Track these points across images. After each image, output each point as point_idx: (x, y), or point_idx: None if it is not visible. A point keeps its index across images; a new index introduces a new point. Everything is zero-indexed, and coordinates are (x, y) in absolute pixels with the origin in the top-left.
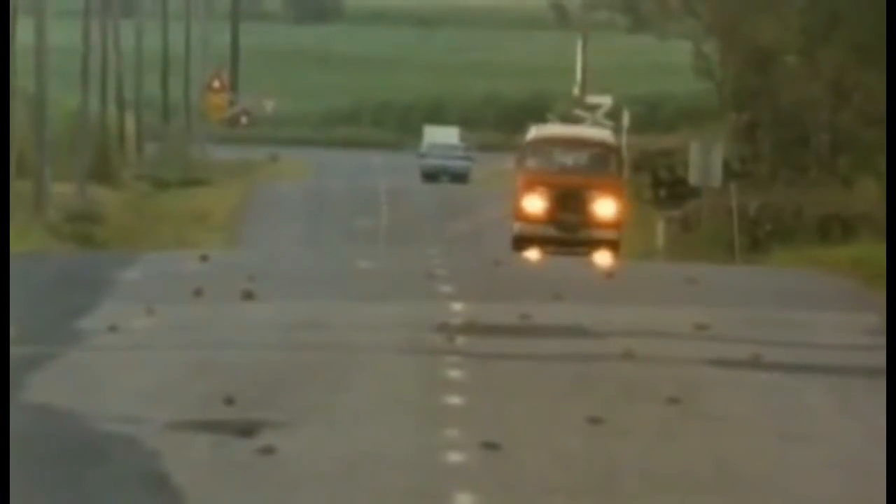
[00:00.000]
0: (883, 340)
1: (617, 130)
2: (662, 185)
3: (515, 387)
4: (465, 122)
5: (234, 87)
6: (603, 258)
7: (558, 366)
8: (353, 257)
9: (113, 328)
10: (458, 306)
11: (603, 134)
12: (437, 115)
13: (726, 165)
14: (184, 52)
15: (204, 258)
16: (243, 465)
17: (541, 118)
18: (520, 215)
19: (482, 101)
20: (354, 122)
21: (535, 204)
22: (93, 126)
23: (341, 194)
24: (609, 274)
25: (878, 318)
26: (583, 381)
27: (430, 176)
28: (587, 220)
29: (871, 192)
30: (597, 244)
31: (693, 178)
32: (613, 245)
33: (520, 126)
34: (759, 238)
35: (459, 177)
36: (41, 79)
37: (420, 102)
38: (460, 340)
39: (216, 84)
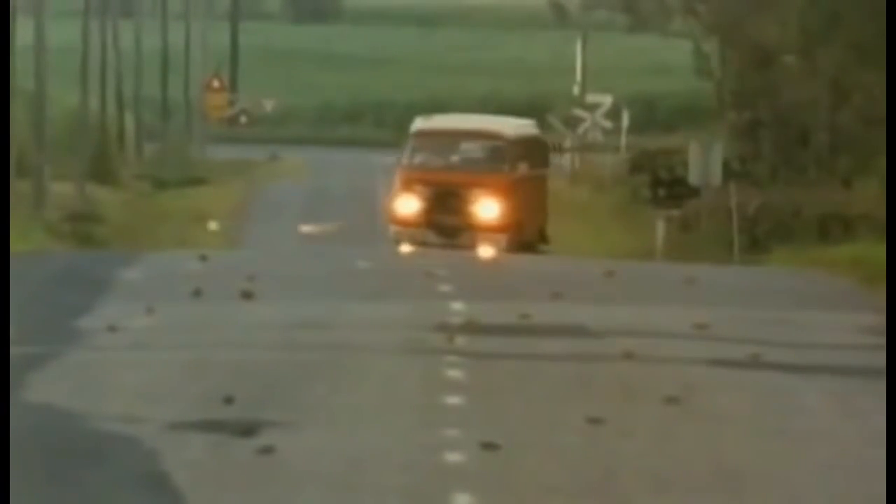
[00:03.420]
0: (882, 340)
1: (617, 130)
2: (662, 185)
3: (515, 387)
4: None
5: (233, 86)
6: (486, 251)
7: (558, 365)
8: (352, 257)
9: (112, 328)
10: (457, 306)
11: (499, 125)
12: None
13: (726, 165)
14: (183, 51)
15: (203, 258)
16: (243, 464)
17: (541, 117)
18: (393, 217)
19: (482, 101)
20: (354, 121)
21: (409, 205)
22: (92, 125)
23: (341, 194)
24: (609, 273)
25: (877, 318)
26: (582, 380)
27: None
28: (467, 223)
29: (870, 192)
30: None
31: (692, 177)
32: (498, 244)
33: None
34: (759, 238)
35: None
36: (41, 78)
37: (420, 102)
38: (460, 340)
39: (216, 84)
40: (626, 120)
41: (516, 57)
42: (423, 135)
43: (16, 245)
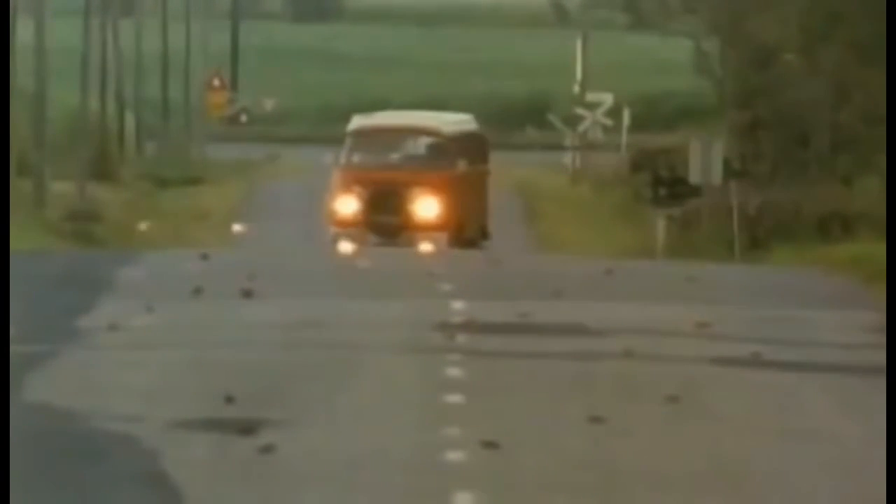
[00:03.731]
0: (883, 338)
1: (617, 129)
2: (662, 184)
3: (515, 385)
4: None
5: (233, 85)
6: (427, 247)
7: (558, 364)
8: (352, 256)
9: (113, 327)
10: (457, 304)
11: (437, 121)
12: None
13: (726, 164)
14: (183, 50)
15: (204, 257)
16: (243, 463)
17: (541, 116)
18: (332, 219)
19: (482, 100)
20: None
21: (348, 205)
22: (92, 125)
23: None
24: (609, 271)
25: (877, 316)
26: (583, 379)
27: None
28: (407, 223)
29: (871, 191)
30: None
31: (693, 176)
32: (439, 242)
33: (521, 124)
34: (759, 236)
35: None
36: (41, 78)
37: (420, 101)
38: (460, 339)
39: (216, 83)
40: (626, 119)
41: (516, 57)
42: (361, 133)
43: (16, 244)
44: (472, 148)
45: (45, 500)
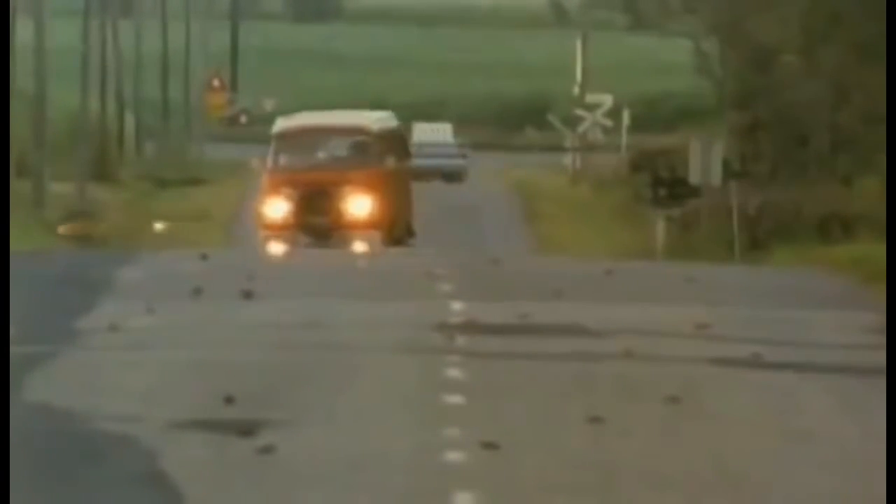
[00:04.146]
0: (883, 339)
1: (617, 129)
2: (662, 185)
3: (515, 386)
4: (466, 120)
5: (233, 86)
6: (361, 246)
7: (558, 365)
8: (352, 256)
9: (112, 327)
10: (457, 305)
11: (363, 119)
12: (438, 114)
13: (726, 164)
14: (183, 51)
15: (203, 257)
16: (243, 464)
17: (541, 117)
18: (262, 222)
19: (482, 100)
20: None
21: (277, 208)
22: (92, 126)
23: None
24: (609, 272)
25: (877, 317)
26: (583, 380)
27: (422, 178)
28: (339, 223)
29: (871, 191)
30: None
31: (693, 177)
32: (372, 241)
33: (520, 125)
34: (759, 237)
35: (454, 176)
36: (40, 78)
37: (420, 101)
38: (460, 340)
39: (216, 83)
40: (626, 119)
41: (516, 57)
42: (286, 135)
43: (16, 244)
44: (396, 145)
45: (44, 501)
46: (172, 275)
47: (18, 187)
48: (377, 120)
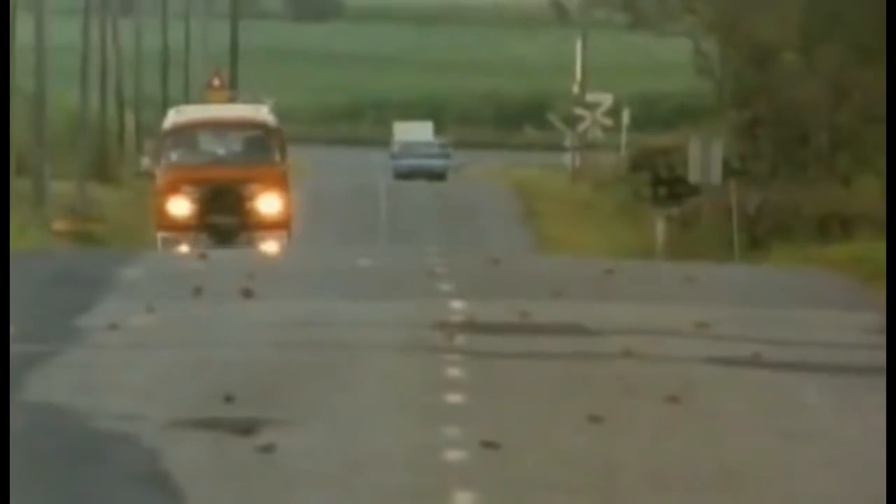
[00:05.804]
0: (882, 339)
1: (617, 128)
2: (662, 184)
3: (515, 385)
4: (465, 119)
5: (233, 85)
6: (271, 246)
7: (558, 364)
8: (352, 255)
9: (113, 326)
10: (457, 304)
11: (258, 112)
12: (437, 114)
13: (726, 163)
14: (183, 50)
15: (203, 256)
16: (243, 463)
17: (541, 115)
18: (161, 223)
19: (482, 100)
20: (354, 120)
21: (178, 207)
22: (92, 124)
23: (341, 193)
24: (608, 271)
25: (877, 317)
26: (582, 379)
27: (405, 178)
28: (247, 222)
29: (870, 190)
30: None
31: (693, 176)
32: (281, 241)
33: (520, 124)
34: (759, 236)
35: (436, 176)
36: (41, 77)
37: (420, 100)
38: (460, 339)
39: (216, 82)
40: (626, 118)
41: (516, 56)
42: (182, 129)
43: (16, 243)
44: (283, 141)
45: (44, 500)
46: (172, 273)
47: (19, 186)
48: (266, 113)
